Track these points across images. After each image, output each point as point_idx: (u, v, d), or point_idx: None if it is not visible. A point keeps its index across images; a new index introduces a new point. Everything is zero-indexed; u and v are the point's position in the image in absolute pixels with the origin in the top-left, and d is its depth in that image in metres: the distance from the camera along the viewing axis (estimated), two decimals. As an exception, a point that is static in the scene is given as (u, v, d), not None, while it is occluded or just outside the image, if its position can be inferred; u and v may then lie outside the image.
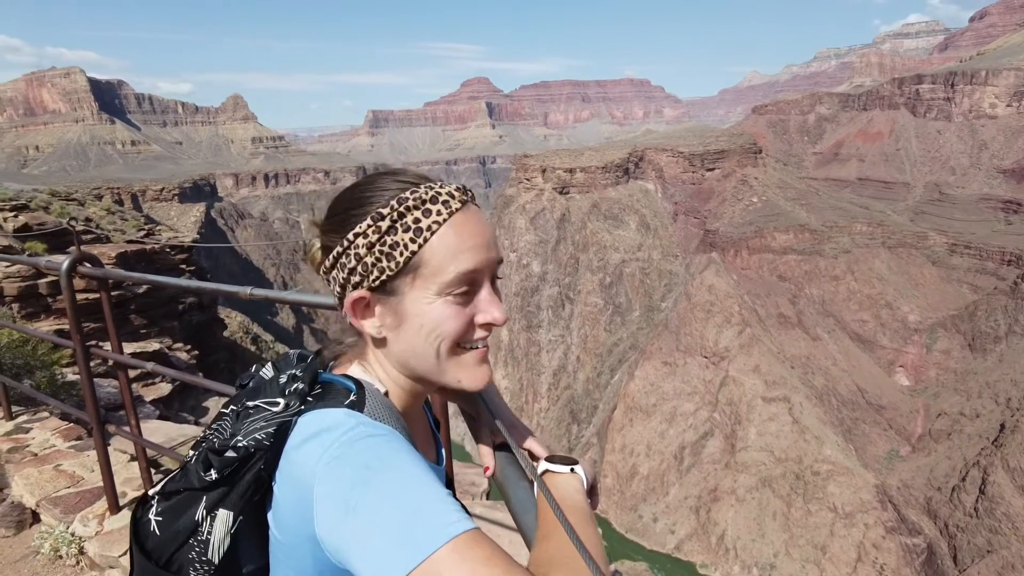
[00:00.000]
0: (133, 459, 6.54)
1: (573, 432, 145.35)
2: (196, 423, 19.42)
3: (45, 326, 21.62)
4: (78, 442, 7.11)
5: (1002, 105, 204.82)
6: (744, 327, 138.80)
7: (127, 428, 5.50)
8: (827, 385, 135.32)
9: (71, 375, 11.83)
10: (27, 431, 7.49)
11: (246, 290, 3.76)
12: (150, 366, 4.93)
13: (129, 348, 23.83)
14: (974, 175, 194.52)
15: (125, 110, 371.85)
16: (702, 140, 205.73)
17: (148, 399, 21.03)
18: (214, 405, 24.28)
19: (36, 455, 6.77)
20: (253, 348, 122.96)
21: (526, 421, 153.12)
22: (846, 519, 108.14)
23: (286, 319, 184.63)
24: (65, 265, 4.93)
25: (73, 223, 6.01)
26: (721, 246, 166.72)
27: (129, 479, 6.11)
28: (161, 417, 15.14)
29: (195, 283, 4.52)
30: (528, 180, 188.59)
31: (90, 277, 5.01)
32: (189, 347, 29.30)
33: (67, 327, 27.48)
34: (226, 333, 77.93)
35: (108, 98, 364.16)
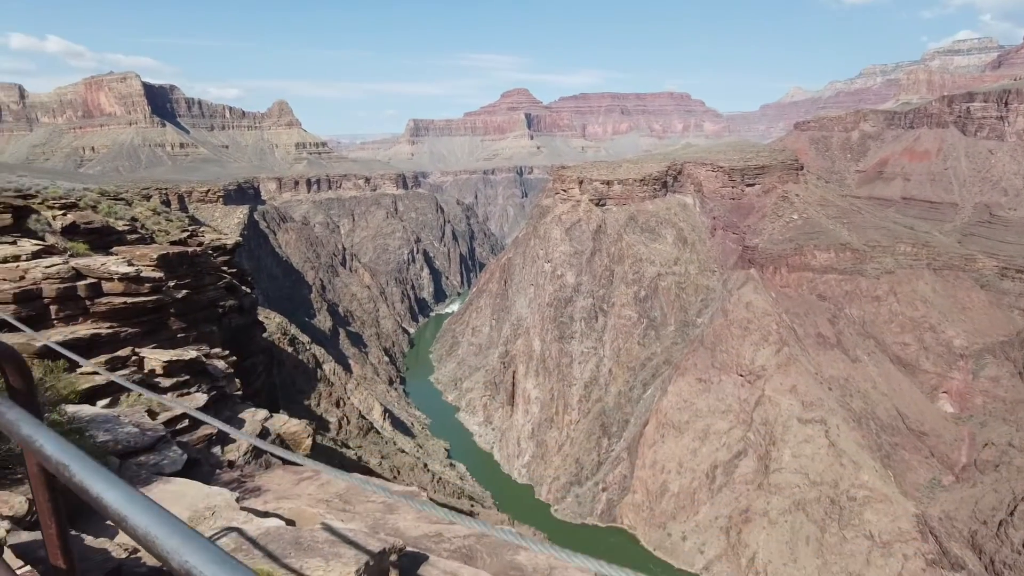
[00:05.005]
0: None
1: (603, 446, 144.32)
2: (229, 465, 17.27)
3: (82, 330, 21.39)
4: None
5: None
6: (781, 346, 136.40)
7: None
8: (866, 408, 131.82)
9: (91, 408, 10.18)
10: None
11: None
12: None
13: (165, 355, 23.20)
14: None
15: (176, 114, 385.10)
16: (742, 155, 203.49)
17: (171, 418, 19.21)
18: (249, 417, 24.47)
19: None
20: (290, 349, 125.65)
21: (555, 433, 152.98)
22: (884, 548, 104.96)
23: (323, 321, 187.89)
24: None
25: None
26: (760, 263, 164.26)
27: None
28: (188, 465, 12.80)
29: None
30: (565, 191, 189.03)
31: None
32: (227, 352, 29.66)
33: (104, 331, 22.92)
34: (265, 335, 79.85)
35: (160, 102, 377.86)
